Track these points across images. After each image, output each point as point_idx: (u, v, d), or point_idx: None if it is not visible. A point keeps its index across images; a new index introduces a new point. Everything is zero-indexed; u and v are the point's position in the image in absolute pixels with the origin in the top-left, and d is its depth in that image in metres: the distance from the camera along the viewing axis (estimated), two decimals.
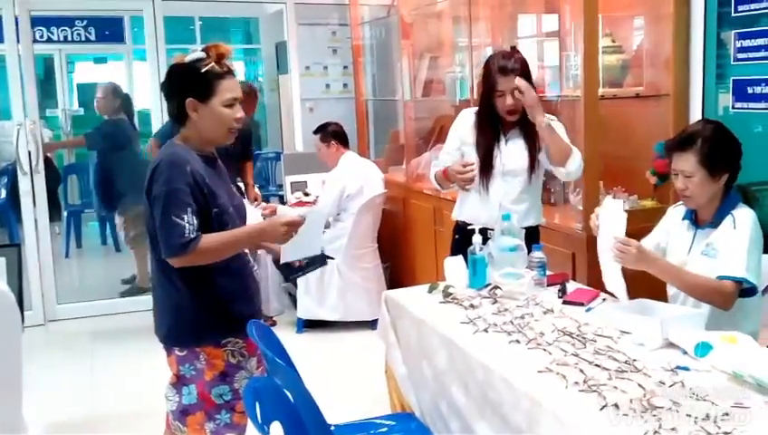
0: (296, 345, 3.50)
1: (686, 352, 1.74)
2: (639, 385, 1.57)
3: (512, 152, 2.62)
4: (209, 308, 1.93)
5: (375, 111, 5.56)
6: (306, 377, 1.88)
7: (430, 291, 2.37)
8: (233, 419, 1.97)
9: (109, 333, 4.43)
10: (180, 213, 1.81)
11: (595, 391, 1.55)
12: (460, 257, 2.46)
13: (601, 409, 1.48)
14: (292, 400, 1.56)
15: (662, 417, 1.42)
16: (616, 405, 1.48)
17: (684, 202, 2.14)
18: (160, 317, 2.00)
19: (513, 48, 2.68)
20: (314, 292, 4.12)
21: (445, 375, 2.00)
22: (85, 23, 8.80)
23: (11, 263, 2.92)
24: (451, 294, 2.30)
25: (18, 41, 4.40)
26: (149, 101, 5.16)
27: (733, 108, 2.71)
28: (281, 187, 5.25)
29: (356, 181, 4.10)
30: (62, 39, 8.74)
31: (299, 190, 4.62)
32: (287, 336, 3.21)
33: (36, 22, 7.71)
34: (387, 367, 2.42)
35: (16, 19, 4.41)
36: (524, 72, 2.52)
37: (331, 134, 4.27)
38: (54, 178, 6.52)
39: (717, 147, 2.03)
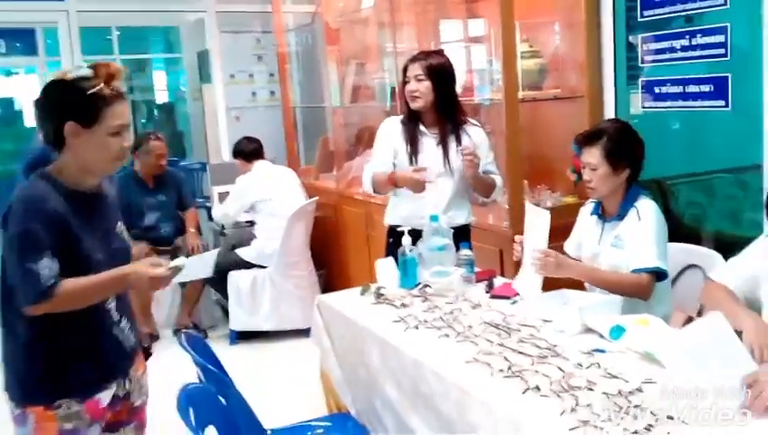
0: (230, 357, 3.47)
1: (602, 336, 1.84)
2: (559, 368, 1.65)
3: (436, 156, 2.69)
4: (41, 361, 1.66)
5: (304, 118, 5.57)
6: (241, 386, 1.87)
7: (362, 293, 2.40)
8: None
9: None
10: (36, 258, 1.58)
11: (518, 376, 1.62)
12: (391, 259, 2.51)
13: (524, 392, 1.55)
14: (225, 404, 1.56)
15: (579, 395, 1.50)
16: (537, 387, 1.56)
17: (589, 193, 2.28)
18: (2, 364, 1.74)
19: (440, 50, 2.77)
20: (246, 303, 4.07)
21: (378, 373, 2.03)
22: None
23: None
24: (383, 295, 2.34)
25: None
26: None
27: (643, 107, 2.88)
28: (207, 198, 5.17)
29: (264, 188, 4.14)
30: None
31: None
32: (221, 349, 3.15)
33: None
34: (322, 371, 2.43)
35: None
36: (437, 70, 2.60)
37: (237, 153, 4.34)
38: None
39: (620, 144, 2.17)
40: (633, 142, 2.21)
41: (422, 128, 2.69)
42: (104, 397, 1.70)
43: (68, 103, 1.64)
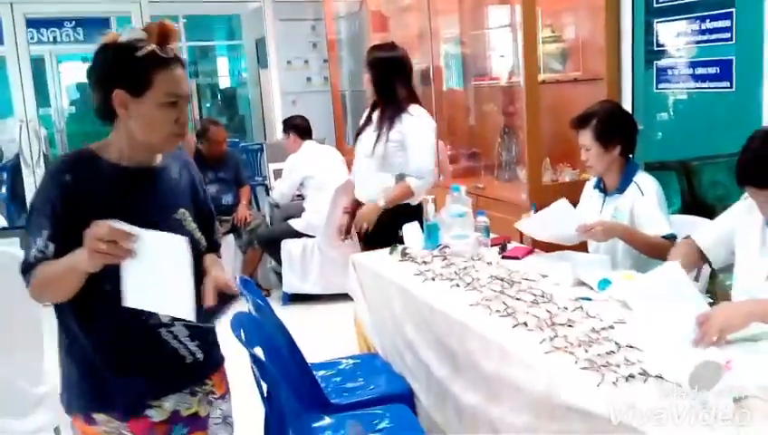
0: (283, 315, 3.86)
1: (592, 288, 2.12)
2: (547, 310, 1.94)
3: (371, 136, 2.95)
4: (75, 369, 1.48)
5: (352, 102, 5.92)
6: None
7: (391, 252, 2.73)
8: None
9: None
10: (35, 234, 1.39)
11: (512, 315, 1.93)
12: (416, 223, 2.83)
13: (514, 326, 1.86)
14: (269, 331, 1.93)
15: (558, 330, 1.79)
16: (525, 323, 1.86)
17: (588, 171, 2.52)
18: None
19: (390, 43, 3.07)
20: (297, 268, 4.50)
21: (400, 318, 2.38)
22: (74, 24, 9.11)
23: (22, 243, 3.27)
24: (408, 253, 2.67)
25: (17, 43, 4.73)
26: None
27: (656, 89, 3.08)
28: (266, 178, 5.63)
29: (311, 165, 4.55)
30: (51, 40, 9.04)
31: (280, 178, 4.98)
32: (275, 309, 3.57)
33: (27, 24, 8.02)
34: (355, 318, 2.79)
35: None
36: (374, 63, 2.90)
37: (291, 127, 4.76)
38: None
39: (609, 123, 2.39)
40: (621, 121, 2.44)
41: (373, 115, 3.00)
42: (155, 416, 1.48)
43: (115, 68, 1.43)
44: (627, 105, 3.23)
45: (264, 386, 1.91)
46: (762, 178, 1.73)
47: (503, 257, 2.57)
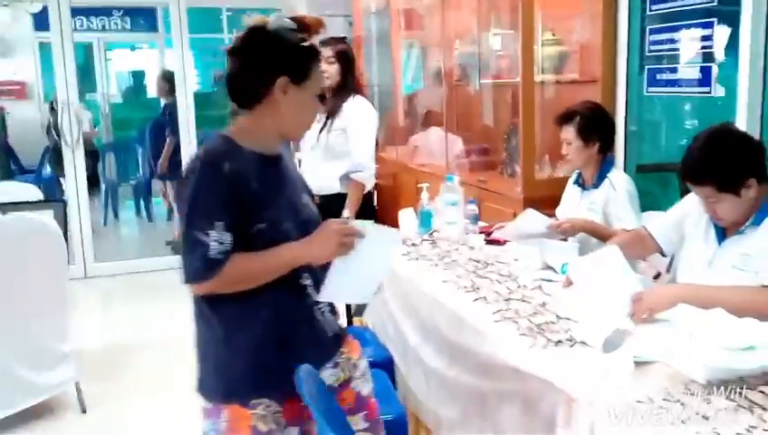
0: None
1: (556, 271, 2.33)
2: (508, 288, 2.17)
3: (316, 127, 3.08)
4: (239, 357, 1.49)
5: (379, 97, 6.13)
6: None
7: None
8: None
9: (139, 285, 5.17)
10: (206, 227, 1.40)
11: (475, 290, 2.16)
12: (411, 209, 3.07)
13: (475, 300, 2.09)
14: None
15: (512, 304, 2.02)
16: (485, 298, 2.09)
17: (567, 165, 2.72)
18: (196, 356, 1.58)
19: (343, 37, 3.30)
20: None
21: (386, 293, 2.62)
22: (121, 12, 9.58)
23: (57, 215, 3.62)
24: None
25: (62, 30, 5.11)
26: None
27: (646, 92, 3.25)
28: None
29: None
30: (100, 28, 9.53)
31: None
32: None
33: (76, 12, 8.53)
34: None
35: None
36: (344, 55, 3.10)
37: None
38: (93, 156, 7.38)
39: (591, 121, 2.60)
40: (602, 120, 2.64)
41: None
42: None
43: (282, 55, 1.47)
44: (620, 107, 3.40)
45: None
46: (699, 175, 1.90)
47: (487, 242, 2.79)
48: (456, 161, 4.46)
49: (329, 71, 3.06)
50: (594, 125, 2.61)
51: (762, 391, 1.43)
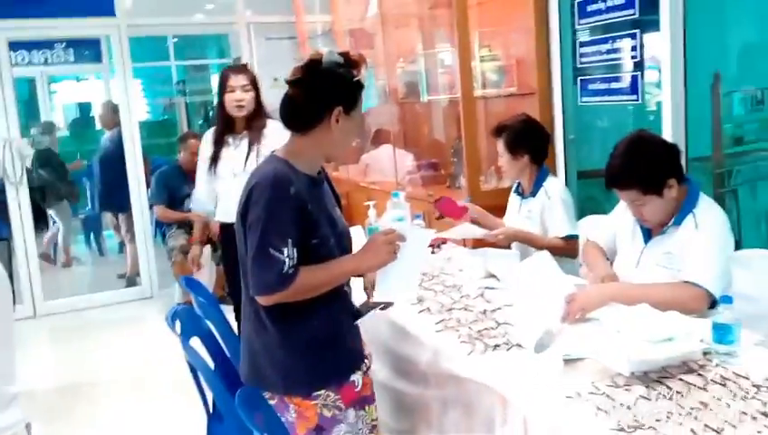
0: None
1: (498, 279, 2.39)
2: (451, 298, 2.22)
3: (239, 154, 2.98)
4: (297, 353, 1.68)
5: None
6: None
7: None
8: None
9: (91, 322, 5.06)
10: (280, 245, 1.57)
11: (420, 302, 2.19)
12: (359, 227, 3.11)
13: (419, 312, 2.13)
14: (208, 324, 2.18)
15: (454, 313, 2.07)
16: (428, 309, 2.13)
17: (503, 174, 2.81)
18: (249, 355, 1.75)
19: (245, 65, 3.30)
20: None
21: None
22: (64, 45, 9.43)
23: (1, 253, 3.55)
24: None
25: None
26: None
27: (580, 102, 3.38)
28: None
29: None
30: (42, 61, 9.37)
31: None
32: None
33: (17, 46, 8.36)
34: None
35: None
36: (256, 82, 3.02)
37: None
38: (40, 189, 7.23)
39: (518, 135, 2.69)
40: (530, 133, 2.72)
41: (228, 138, 3.02)
42: (357, 380, 1.73)
43: (339, 89, 1.66)
44: (558, 117, 3.53)
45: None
46: (623, 180, 1.99)
47: (437, 218, 2.86)
48: (408, 177, 4.53)
49: (245, 99, 2.98)
50: (521, 139, 2.70)
51: (681, 379, 1.51)
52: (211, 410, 2.17)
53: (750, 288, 2.20)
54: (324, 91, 1.67)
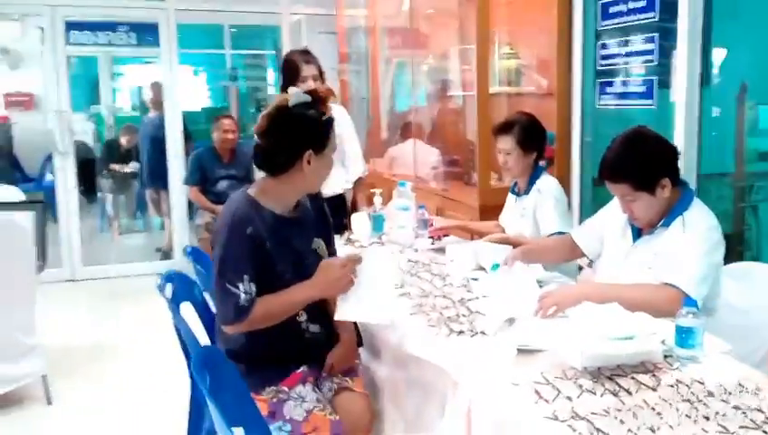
0: None
1: (487, 272, 2.42)
2: (434, 285, 2.26)
3: None
4: (248, 364, 1.84)
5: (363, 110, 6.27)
6: None
7: (340, 238, 3.09)
8: None
9: (122, 289, 5.31)
10: (235, 280, 1.72)
11: (402, 287, 2.25)
12: (364, 213, 3.19)
13: (400, 295, 2.18)
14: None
15: (432, 299, 2.11)
16: (409, 294, 2.19)
17: (504, 173, 2.82)
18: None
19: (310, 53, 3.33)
20: None
21: None
22: (127, 28, 9.83)
23: (38, 215, 3.75)
24: (351, 239, 3.02)
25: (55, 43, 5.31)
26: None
27: (598, 105, 3.36)
28: None
29: None
30: (106, 43, 9.78)
31: None
32: None
33: (81, 26, 8.75)
34: None
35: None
36: (320, 69, 3.18)
37: None
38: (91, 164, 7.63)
39: (528, 131, 2.69)
40: (539, 130, 2.74)
41: None
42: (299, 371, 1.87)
43: (306, 133, 1.76)
44: (576, 119, 3.51)
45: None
46: (616, 174, 1.98)
47: (432, 243, 2.89)
48: (433, 172, 4.57)
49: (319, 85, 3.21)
50: (533, 135, 2.71)
51: (634, 378, 1.52)
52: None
53: (742, 301, 2.18)
54: (293, 138, 1.77)
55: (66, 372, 3.57)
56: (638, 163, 1.95)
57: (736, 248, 3.11)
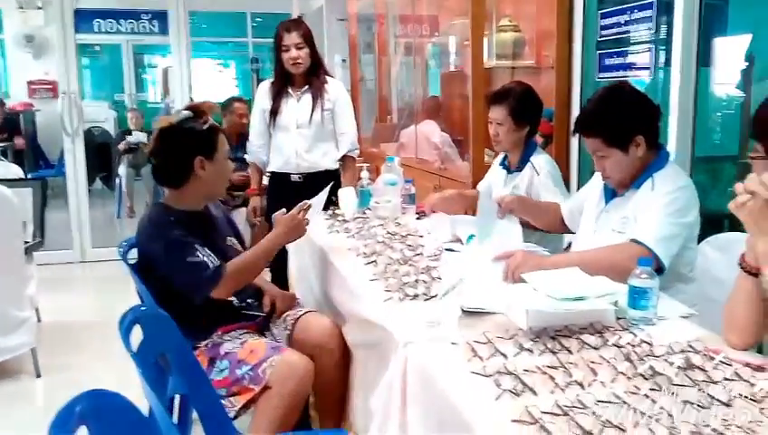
0: None
1: (462, 243, 2.34)
2: (405, 255, 2.19)
3: (302, 107, 3.17)
4: (190, 329, 1.87)
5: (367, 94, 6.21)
6: None
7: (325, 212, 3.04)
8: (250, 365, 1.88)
9: None
10: (191, 252, 1.84)
11: (374, 261, 2.17)
12: (351, 188, 3.12)
13: (366, 264, 2.12)
14: None
15: (397, 267, 2.04)
16: (375, 262, 2.12)
17: (494, 146, 2.69)
18: None
19: (296, 20, 3.29)
20: None
21: (308, 263, 2.67)
22: (150, 16, 9.94)
23: (36, 192, 3.80)
24: (336, 214, 2.96)
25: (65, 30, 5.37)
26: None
27: (597, 77, 3.23)
28: None
29: None
30: (129, 30, 9.90)
31: None
32: None
33: (105, 15, 8.84)
34: (289, 270, 3.11)
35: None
36: (310, 37, 3.08)
37: None
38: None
39: (523, 103, 2.56)
40: (534, 103, 2.60)
41: (289, 90, 3.16)
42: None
43: (191, 141, 1.92)
44: (576, 93, 3.37)
45: None
46: (590, 127, 1.90)
47: (417, 219, 2.81)
48: (436, 153, 4.49)
49: (300, 56, 3.08)
50: (528, 107, 2.58)
51: (579, 338, 1.43)
52: None
53: (725, 272, 2.06)
54: (181, 149, 1.93)
55: (60, 349, 3.61)
56: (612, 117, 1.86)
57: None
